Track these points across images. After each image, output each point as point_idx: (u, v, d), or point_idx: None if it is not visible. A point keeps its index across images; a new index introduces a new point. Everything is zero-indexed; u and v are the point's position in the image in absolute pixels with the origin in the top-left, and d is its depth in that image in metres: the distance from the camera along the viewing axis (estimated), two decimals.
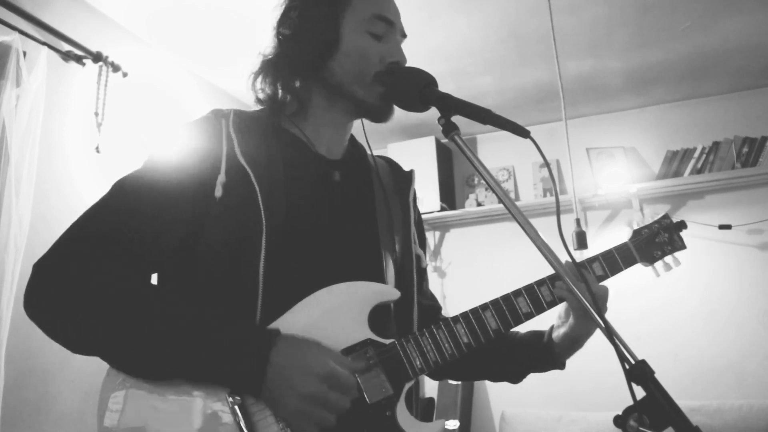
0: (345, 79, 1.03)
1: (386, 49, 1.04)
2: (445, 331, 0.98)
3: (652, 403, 0.68)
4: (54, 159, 2.21)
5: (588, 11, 2.67)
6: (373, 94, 1.03)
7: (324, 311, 0.92)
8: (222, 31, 2.70)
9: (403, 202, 1.16)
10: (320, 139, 1.07)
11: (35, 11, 2.12)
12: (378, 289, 0.98)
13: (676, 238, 1.23)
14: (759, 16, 2.75)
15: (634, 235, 1.21)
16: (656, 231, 1.22)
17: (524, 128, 0.85)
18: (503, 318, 1.02)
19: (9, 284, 1.86)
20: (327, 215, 1.02)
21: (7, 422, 1.84)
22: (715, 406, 3.02)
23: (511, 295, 1.04)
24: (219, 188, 0.92)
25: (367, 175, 1.14)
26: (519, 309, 1.03)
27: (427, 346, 0.96)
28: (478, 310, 1.02)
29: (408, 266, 1.11)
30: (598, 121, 3.85)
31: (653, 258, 1.21)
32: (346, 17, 1.03)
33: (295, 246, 0.95)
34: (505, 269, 3.66)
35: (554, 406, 3.37)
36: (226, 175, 0.93)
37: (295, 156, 1.03)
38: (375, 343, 0.93)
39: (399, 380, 0.93)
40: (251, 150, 0.97)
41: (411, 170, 1.24)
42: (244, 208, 0.92)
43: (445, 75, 3.19)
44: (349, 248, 1.03)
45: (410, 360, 0.95)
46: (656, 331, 3.33)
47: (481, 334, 1.00)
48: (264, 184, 0.94)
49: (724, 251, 3.40)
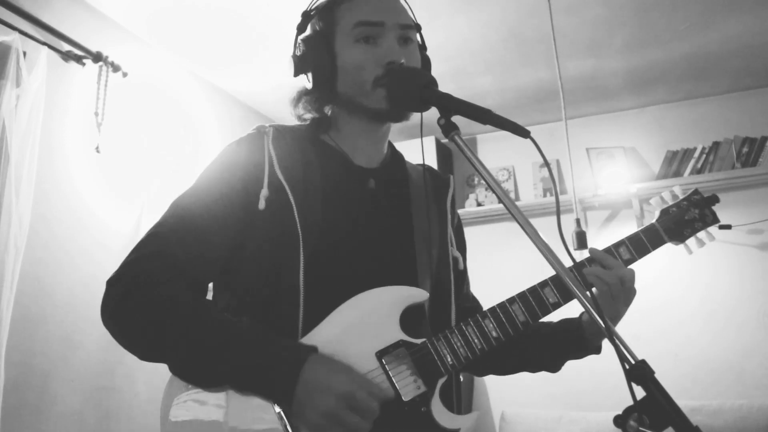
0: (351, 93, 1.06)
1: (378, 53, 1.04)
2: (474, 327, 1.01)
3: (652, 403, 0.68)
4: (54, 159, 2.21)
5: (588, 11, 2.67)
6: (377, 99, 1.04)
7: (356, 317, 0.96)
8: (222, 31, 2.70)
9: (440, 207, 1.19)
10: (357, 151, 1.11)
11: (35, 11, 2.12)
12: (407, 292, 1.01)
13: (707, 212, 1.20)
14: (759, 16, 2.75)
15: (662, 215, 1.18)
16: (685, 208, 1.19)
17: (524, 128, 0.85)
18: (531, 310, 1.04)
19: (9, 284, 1.86)
20: (362, 222, 1.06)
21: (7, 422, 1.84)
22: (715, 406, 3.02)
23: (537, 286, 1.06)
24: (262, 201, 1.00)
25: (405, 181, 1.17)
26: (546, 299, 1.05)
27: (457, 343, 0.99)
28: (506, 304, 1.04)
29: (445, 269, 1.14)
30: (598, 121, 3.85)
31: (683, 236, 1.18)
32: (336, 36, 1.07)
33: (331, 255, 1.00)
34: (505, 269, 3.65)
35: (554, 406, 3.37)
36: (269, 188, 1.01)
37: (333, 166, 1.08)
38: (407, 344, 0.97)
39: (432, 377, 0.96)
40: (288, 164, 1.04)
41: (449, 176, 1.27)
42: (282, 222, 0.98)
43: (445, 75, 3.19)
44: (383, 254, 1.06)
45: (441, 357, 0.98)
46: (656, 331, 3.33)
47: (509, 327, 1.02)
48: (299, 197, 1.00)
49: (724, 251, 3.40)
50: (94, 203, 2.35)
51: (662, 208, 1.19)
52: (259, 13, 2.55)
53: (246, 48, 2.84)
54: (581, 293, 0.78)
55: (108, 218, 2.39)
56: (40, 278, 2.10)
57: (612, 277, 1.07)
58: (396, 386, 0.93)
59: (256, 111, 3.49)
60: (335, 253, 1.01)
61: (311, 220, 0.99)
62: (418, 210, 1.13)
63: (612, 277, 1.07)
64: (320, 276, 0.97)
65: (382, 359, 0.94)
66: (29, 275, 2.02)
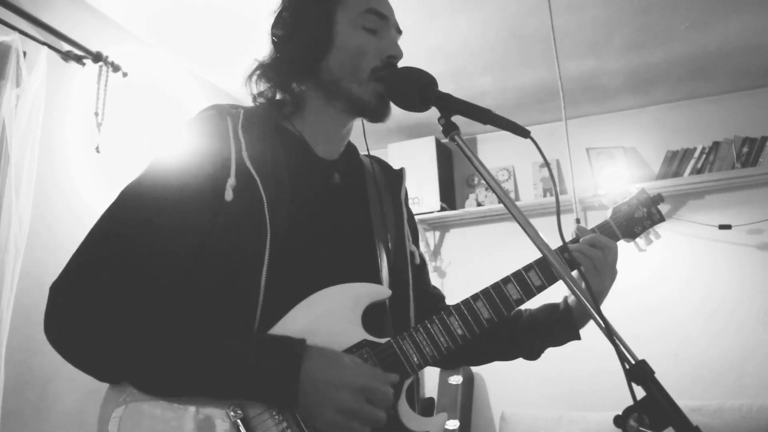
0: (341, 76, 1.01)
1: (382, 44, 1.03)
2: (439, 325, 0.99)
3: (652, 403, 0.68)
4: (54, 159, 2.21)
5: (588, 11, 2.67)
6: (369, 92, 1.01)
7: (318, 315, 0.92)
8: (222, 31, 2.70)
9: (395, 201, 1.17)
10: (318, 140, 1.07)
11: (35, 11, 2.12)
12: (369, 289, 0.98)
13: (654, 211, 1.24)
14: (759, 16, 2.75)
15: (614, 212, 1.23)
16: (635, 206, 1.24)
17: (524, 128, 0.85)
18: (495, 307, 1.03)
19: (9, 284, 1.86)
20: (327, 219, 1.03)
21: (7, 422, 1.84)
22: (715, 406, 3.02)
23: (500, 282, 1.05)
24: (229, 192, 0.91)
25: (362, 174, 1.15)
26: (509, 296, 1.04)
27: (422, 342, 0.97)
28: (470, 300, 1.03)
29: (402, 264, 1.12)
30: (598, 121, 3.85)
31: (634, 234, 1.22)
32: (338, 13, 1.03)
33: (296, 253, 0.96)
34: (505, 269, 3.62)
35: (554, 406, 3.37)
36: (236, 178, 0.92)
37: (298, 158, 1.03)
38: (371, 344, 0.94)
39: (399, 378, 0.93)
40: (257, 154, 0.96)
41: (401, 168, 1.23)
42: (250, 216, 0.92)
43: (445, 75, 3.19)
44: (347, 251, 1.03)
45: (407, 357, 0.95)
46: (656, 331, 3.33)
47: (474, 325, 1.01)
48: (270, 192, 0.94)
49: (724, 251, 3.40)
50: (94, 203, 2.34)
51: (614, 207, 1.23)
52: (260, 13, 2.55)
53: (246, 47, 2.84)
54: (581, 293, 0.78)
55: None
56: (40, 278, 2.09)
57: (594, 251, 1.10)
58: None
59: None
60: (300, 251, 0.96)
61: (280, 217, 0.93)
62: (374, 205, 1.11)
63: (594, 251, 1.10)
64: (283, 274, 0.92)
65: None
66: (29, 275, 2.02)
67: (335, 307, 0.94)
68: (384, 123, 1.07)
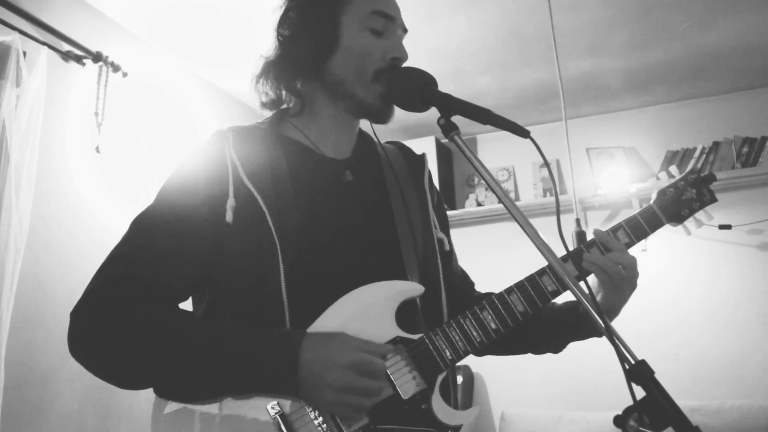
0: (346, 77, 1.02)
1: (387, 45, 1.03)
2: (472, 320, 0.99)
3: (652, 403, 0.68)
4: (54, 159, 2.21)
5: (588, 11, 2.67)
6: (372, 93, 1.02)
7: (350, 316, 0.93)
8: (222, 31, 2.70)
9: (418, 188, 1.15)
10: (326, 141, 1.07)
11: (35, 11, 2.12)
12: (402, 287, 0.98)
13: (705, 191, 1.17)
14: (759, 16, 2.75)
15: (659, 196, 1.16)
16: (682, 188, 1.16)
17: (524, 128, 0.85)
18: (529, 299, 1.02)
19: (9, 284, 1.86)
20: (343, 218, 1.02)
21: (7, 422, 1.84)
22: (715, 406, 3.02)
23: (535, 275, 1.04)
24: (229, 213, 0.94)
25: (379, 167, 1.13)
26: (545, 288, 1.03)
27: (455, 337, 0.97)
28: (504, 294, 1.02)
29: (431, 254, 1.10)
30: (598, 121, 3.85)
31: (681, 217, 1.16)
32: (345, 15, 1.03)
33: (313, 258, 0.96)
34: (505, 269, 3.63)
35: (554, 406, 3.37)
36: (235, 199, 0.95)
37: (302, 164, 1.03)
38: (404, 340, 0.95)
39: (431, 373, 0.94)
40: (255, 169, 0.98)
41: (423, 153, 1.24)
42: (256, 232, 0.94)
43: (445, 75, 3.19)
44: (368, 249, 1.03)
45: (440, 352, 0.95)
46: (656, 331, 3.33)
47: (509, 319, 1.00)
48: (273, 204, 0.95)
49: (724, 251, 3.40)
50: (94, 203, 2.34)
51: (659, 189, 1.17)
52: (260, 13, 2.55)
53: (246, 48, 2.84)
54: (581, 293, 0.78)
55: (108, 218, 2.39)
56: (40, 278, 2.10)
57: (612, 266, 1.03)
58: (395, 384, 0.91)
59: (256, 111, 3.48)
60: (316, 256, 0.97)
61: (287, 226, 0.95)
62: (396, 196, 1.10)
63: (612, 266, 1.03)
64: (303, 282, 0.94)
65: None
66: (29, 275, 2.02)
67: (366, 307, 0.95)
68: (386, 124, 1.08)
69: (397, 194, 1.10)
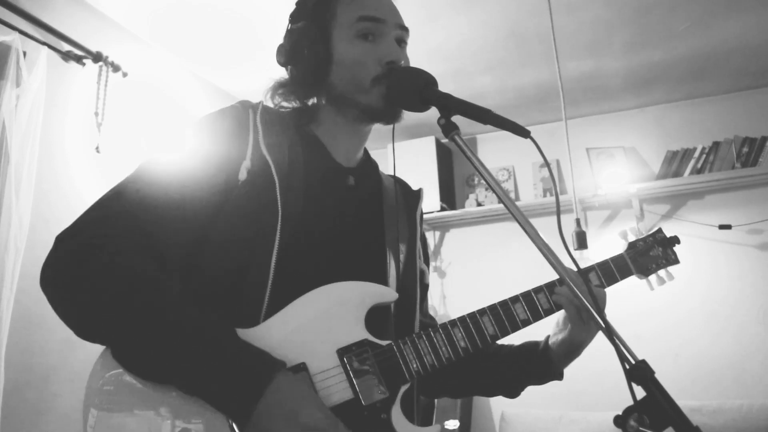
0: (346, 89, 1.03)
1: (380, 50, 1.02)
2: (442, 335, 0.98)
3: (652, 403, 0.68)
4: (54, 159, 2.21)
5: (588, 11, 2.67)
6: (375, 97, 1.02)
7: (322, 309, 0.92)
8: (222, 31, 2.70)
9: (410, 219, 1.17)
10: (338, 147, 1.09)
11: (35, 11, 2.12)
12: (376, 290, 0.97)
13: (669, 252, 1.25)
14: (759, 16, 2.75)
15: (630, 247, 1.21)
16: (651, 244, 1.23)
17: (524, 128, 0.85)
18: (500, 324, 1.02)
19: (9, 284, 1.86)
20: (340, 217, 1.03)
21: (7, 422, 1.84)
22: (715, 406, 3.02)
23: (508, 301, 1.04)
24: (244, 171, 0.94)
25: (378, 184, 1.16)
26: (516, 315, 1.03)
27: (424, 349, 0.96)
28: (476, 315, 1.01)
29: (411, 278, 1.11)
30: (598, 121, 3.85)
31: (648, 270, 1.22)
32: (334, 28, 1.04)
33: (307, 243, 0.96)
34: (505, 269, 3.66)
35: (554, 406, 3.37)
36: (251, 161, 0.95)
37: (315, 158, 1.05)
38: (371, 344, 0.93)
39: (395, 382, 0.92)
40: (273, 142, 0.99)
41: (419, 189, 1.25)
42: (263, 198, 0.93)
43: (445, 75, 3.19)
44: (357, 251, 1.04)
45: (407, 362, 0.94)
46: (656, 331, 3.33)
47: (478, 339, 1.00)
48: (283, 178, 0.96)
49: (724, 251, 3.40)
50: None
51: (630, 241, 1.23)
52: (260, 13, 2.55)
53: (246, 48, 2.84)
54: (581, 293, 0.78)
55: None
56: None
57: None
58: (356, 388, 0.89)
59: None
60: (310, 241, 0.96)
61: (292, 204, 0.95)
62: (389, 217, 1.11)
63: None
64: (292, 262, 0.92)
65: (343, 357, 0.90)
66: (29, 275, 2.02)
67: (340, 303, 0.93)
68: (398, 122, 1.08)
69: (391, 215, 1.11)
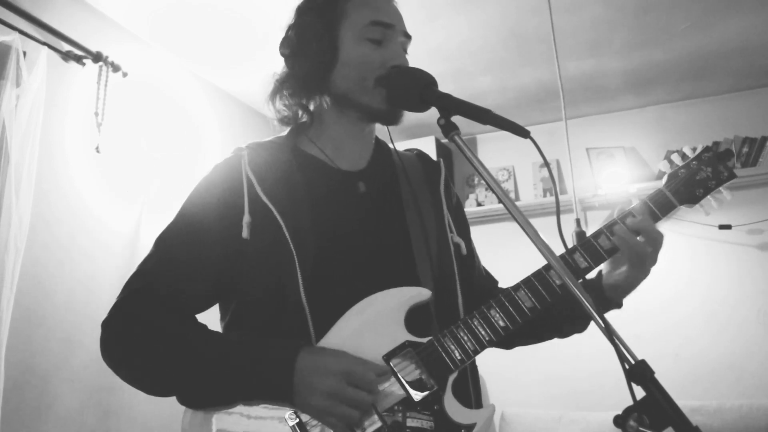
0: (349, 89, 1.05)
1: (387, 54, 1.04)
2: (479, 319, 0.99)
3: (652, 403, 0.68)
4: (54, 159, 2.21)
5: (588, 11, 2.67)
6: (376, 98, 1.04)
7: (361, 323, 0.97)
8: (222, 31, 2.70)
9: (434, 194, 1.16)
10: (340, 153, 1.10)
11: (35, 11, 2.12)
12: (410, 293, 1.00)
13: (721, 169, 1.11)
14: (759, 16, 2.75)
15: (669, 179, 1.11)
16: (696, 168, 1.11)
17: (524, 128, 0.85)
18: (537, 294, 1.01)
19: (9, 284, 1.86)
20: (356, 229, 1.05)
21: (7, 422, 1.84)
22: (715, 406, 3.02)
23: (542, 269, 1.03)
24: (245, 229, 0.99)
25: (394, 176, 1.15)
26: (553, 282, 1.02)
27: (463, 337, 0.98)
28: (510, 291, 1.02)
29: (447, 259, 1.11)
30: (598, 121, 3.85)
31: (695, 197, 1.10)
32: (343, 29, 1.05)
33: (329, 268, 1.00)
34: (505, 269, 3.64)
35: (554, 406, 3.37)
36: (251, 215, 1.00)
37: (317, 177, 1.06)
38: (413, 344, 0.96)
39: (442, 374, 0.95)
40: (271, 184, 1.02)
41: (439, 159, 1.24)
42: (274, 245, 0.97)
43: (445, 75, 3.19)
44: (383, 255, 1.05)
45: (449, 353, 0.97)
46: (656, 331, 3.33)
47: (517, 315, 1.00)
48: (289, 217, 0.99)
49: (724, 251, 3.40)
50: (94, 203, 2.34)
51: (669, 172, 1.12)
52: (260, 13, 2.55)
53: (246, 48, 2.84)
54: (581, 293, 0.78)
55: (108, 218, 2.39)
56: (40, 278, 2.10)
57: (638, 242, 1.03)
58: (406, 387, 0.93)
59: (257, 111, 3.48)
60: (333, 265, 1.00)
61: (303, 237, 0.98)
62: (410, 205, 1.11)
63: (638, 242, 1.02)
64: (322, 291, 0.97)
65: (389, 362, 0.94)
66: (29, 275, 2.02)
67: (378, 313, 0.98)
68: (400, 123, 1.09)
69: (412, 202, 1.11)
